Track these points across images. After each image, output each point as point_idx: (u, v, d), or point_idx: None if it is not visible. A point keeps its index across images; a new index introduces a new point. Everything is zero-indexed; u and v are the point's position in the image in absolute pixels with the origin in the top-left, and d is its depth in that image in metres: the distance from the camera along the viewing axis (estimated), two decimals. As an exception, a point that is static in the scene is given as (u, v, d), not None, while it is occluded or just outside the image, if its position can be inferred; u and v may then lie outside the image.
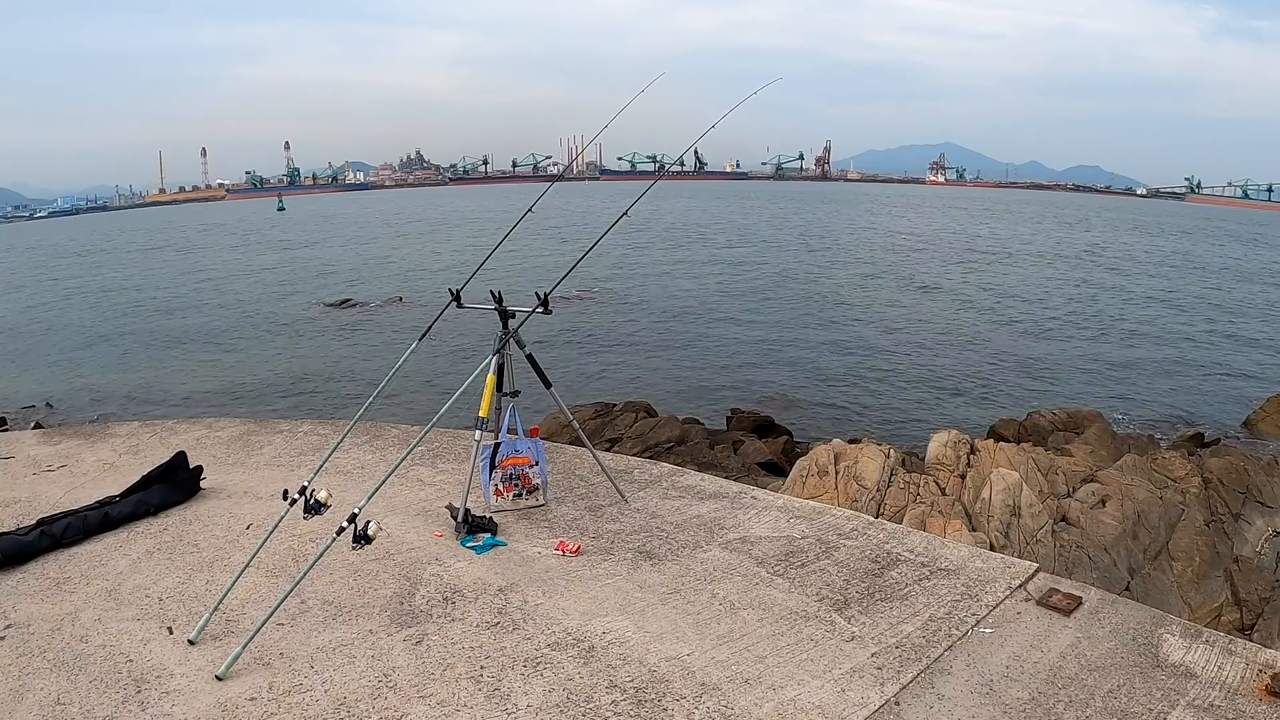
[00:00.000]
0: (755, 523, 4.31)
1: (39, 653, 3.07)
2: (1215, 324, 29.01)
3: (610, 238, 4.69)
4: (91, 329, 28.55)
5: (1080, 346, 24.75)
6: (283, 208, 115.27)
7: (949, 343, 24.75)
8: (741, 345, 24.26)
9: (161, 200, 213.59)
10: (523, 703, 2.75)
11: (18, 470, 5.23)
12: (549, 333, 23.46)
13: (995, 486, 9.34)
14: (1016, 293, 34.21)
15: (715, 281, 36.13)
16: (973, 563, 3.82)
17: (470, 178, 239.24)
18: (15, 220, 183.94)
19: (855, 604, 3.43)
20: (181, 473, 4.63)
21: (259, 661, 2.99)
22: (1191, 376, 21.80)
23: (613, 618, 3.32)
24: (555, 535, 4.12)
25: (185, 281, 40.19)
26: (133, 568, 3.78)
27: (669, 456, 11.98)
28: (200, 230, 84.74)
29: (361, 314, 28.65)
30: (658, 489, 4.80)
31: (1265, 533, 10.10)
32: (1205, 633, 3.25)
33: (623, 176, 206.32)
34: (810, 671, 2.94)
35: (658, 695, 2.79)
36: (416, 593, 3.53)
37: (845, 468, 9.86)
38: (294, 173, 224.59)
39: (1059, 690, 2.83)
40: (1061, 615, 3.32)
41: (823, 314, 29.19)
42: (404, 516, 4.35)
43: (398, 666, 2.97)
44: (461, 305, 4.38)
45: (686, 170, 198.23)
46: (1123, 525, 9.17)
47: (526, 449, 4.45)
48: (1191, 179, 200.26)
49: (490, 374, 4.21)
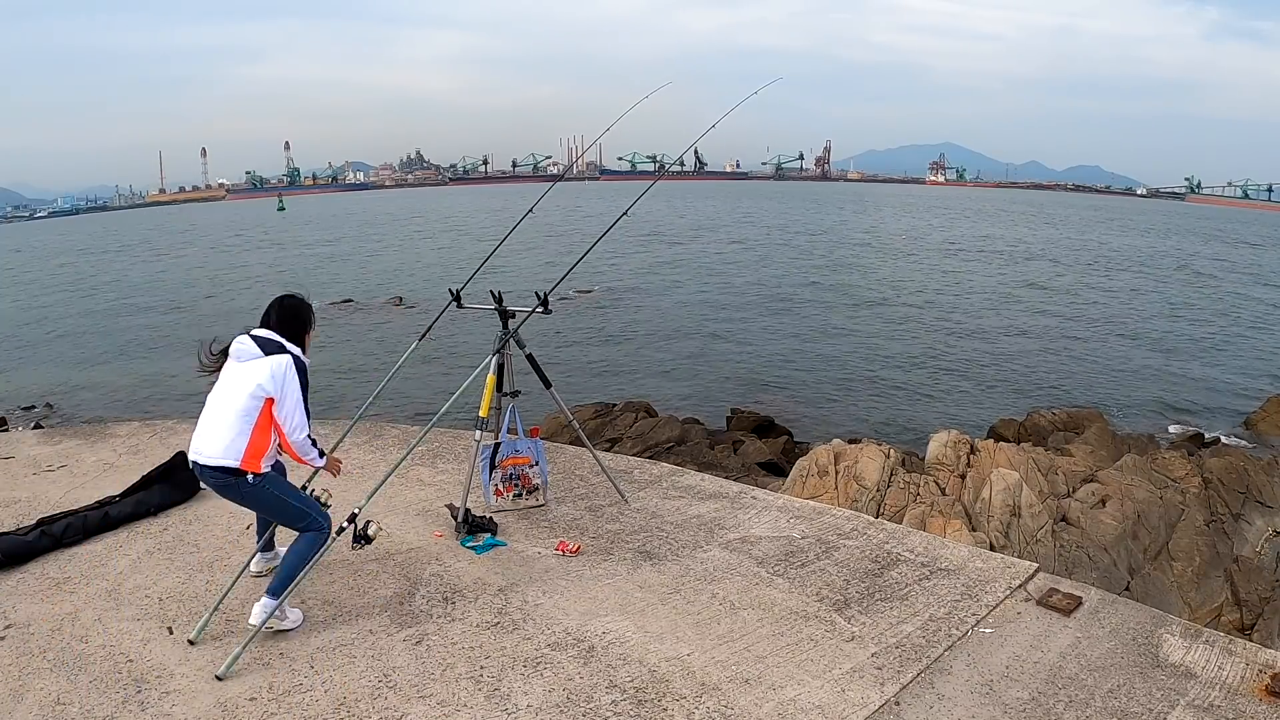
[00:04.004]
0: (755, 523, 4.31)
1: (39, 653, 3.08)
2: (1215, 324, 29.02)
3: (610, 238, 4.69)
4: (91, 329, 28.56)
5: (1080, 347, 24.76)
6: (283, 208, 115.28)
7: (949, 343, 24.76)
8: (742, 345, 24.27)
9: (161, 200, 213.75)
10: (523, 703, 2.75)
11: (18, 470, 5.23)
12: (549, 333, 23.46)
13: (995, 486, 9.34)
14: (1016, 293, 34.22)
15: (715, 282, 36.13)
16: (973, 563, 3.82)
17: (470, 178, 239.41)
18: (15, 220, 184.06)
19: (855, 604, 3.43)
20: (181, 473, 4.63)
21: (259, 661, 2.99)
22: (1191, 377, 21.81)
23: (613, 618, 3.32)
24: (555, 535, 4.13)
25: (185, 281, 40.21)
26: (133, 568, 3.78)
27: (669, 456, 11.98)
28: (200, 230, 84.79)
29: (361, 314, 28.66)
30: (658, 489, 4.80)
31: (1265, 533, 10.11)
32: (1205, 633, 3.25)
33: (623, 176, 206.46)
34: (810, 671, 2.94)
35: (658, 695, 2.79)
36: (416, 593, 3.53)
37: (845, 468, 9.86)
38: (294, 173, 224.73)
39: (1059, 690, 2.83)
40: (1061, 615, 3.32)
41: (822, 314, 29.20)
42: (404, 516, 4.35)
43: (398, 666, 2.97)
44: (461, 305, 4.38)
45: (687, 170, 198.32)
46: (1123, 525, 9.17)
47: (526, 449, 4.45)
48: (1192, 179, 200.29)
49: (490, 374, 4.21)
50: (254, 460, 3.06)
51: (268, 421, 3.11)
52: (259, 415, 3.08)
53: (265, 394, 3.09)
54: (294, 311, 3.31)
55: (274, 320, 3.27)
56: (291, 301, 3.34)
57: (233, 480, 3.07)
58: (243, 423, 3.06)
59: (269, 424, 3.11)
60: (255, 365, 3.12)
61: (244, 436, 3.05)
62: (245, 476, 3.06)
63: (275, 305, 3.32)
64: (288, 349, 3.20)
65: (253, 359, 3.13)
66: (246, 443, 3.05)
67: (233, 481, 3.08)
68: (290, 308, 3.32)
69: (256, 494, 3.12)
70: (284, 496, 3.19)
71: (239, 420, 3.06)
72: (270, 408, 3.11)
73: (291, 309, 3.32)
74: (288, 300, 3.34)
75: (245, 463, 3.05)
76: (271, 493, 3.15)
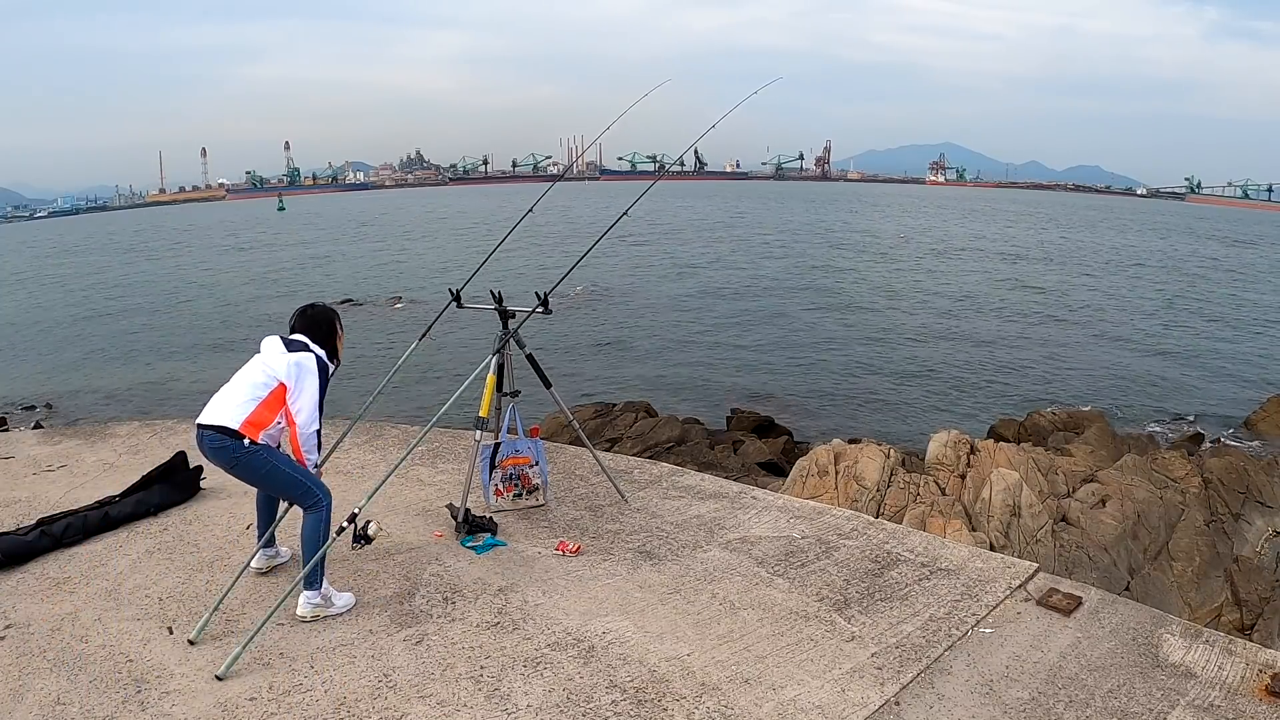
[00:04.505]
0: (755, 523, 4.31)
1: (39, 653, 3.07)
2: (1215, 324, 29.02)
3: (611, 238, 4.69)
4: (91, 329, 28.56)
5: (1080, 347, 24.76)
6: (283, 207, 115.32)
7: (949, 343, 24.76)
8: (742, 345, 24.27)
9: (161, 200, 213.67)
10: (523, 703, 2.75)
11: (18, 470, 5.23)
12: (549, 333, 23.45)
13: (995, 486, 9.34)
14: (1016, 293, 34.22)
15: (715, 282, 36.13)
16: (973, 563, 3.82)
17: (470, 178, 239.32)
18: (15, 220, 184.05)
19: (855, 604, 3.43)
20: (181, 473, 4.63)
21: (259, 661, 2.99)
22: (1191, 377, 21.81)
23: (613, 618, 3.32)
24: (555, 535, 4.13)
25: (185, 281, 40.21)
26: (133, 568, 3.78)
27: (669, 456, 11.98)
28: (200, 230, 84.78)
29: (362, 314, 28.65)
30: (658, 489, 4.80)
31: (1265, 533, 10.11)
32: (1205, 633, 3.25)
33: (623, 177, 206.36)
34: (810, 671, 2.94)
35: (658, 695, 2.79)
36: (416, 593, 3.53)
37: (845, 468, 9.86)
38: (294, 173, 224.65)
39: (1059, 690, 2.83)
40: (1061, 615, 3.32)
41: (822, 314, 29.20)
42: (404, 516, 4.35)
43: (398, 666, 2.97)
44: (461, 305, 4.38)
45: (687, 170, 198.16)
46: (1123, 525, 9.17)
47: (526, 449, 4.45)
48: (1192, 179, 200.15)
49: (490, 374, 4.21)
50: (252, 429, 3.15)
51: (276, 402, 3.20)
52: (268, 394, 3.19)
53: (277, 378, 3.19)
54: (314, 321, 3.40)
55: (299, 328, 3.38)
56: (313, 311, 3.44)
57: (228, 442, 3.13)
58: (250, 396, 3.17)
59: (277, 405, 3.21)
60: (276, 356, 3.24)
61: (248, 406, 3.16)
62: (241, 440, 3.12)
63: (298, 314, 3.42)
64: (312, 349, 3.30)
65: (277, 353, 3.25)
66: (249, 411, 3.15)
67: (228, 443, 3.13)
68: (311, 317, 3.42)
69: (251, 461, 3.17)
70: (278, 465, 3.23)
71: (247, 392, 3.18)
72: (282, 393, 3.20)
73: (312, 318, 3.42)
74: (309, 310, 3.44)
75: (243, 427, 3.13)
76: (266, 459, 3.19)
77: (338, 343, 3.45)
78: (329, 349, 3.40)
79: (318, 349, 3.33)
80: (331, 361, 3.40)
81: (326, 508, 3.26)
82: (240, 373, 3.28)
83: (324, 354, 3.35)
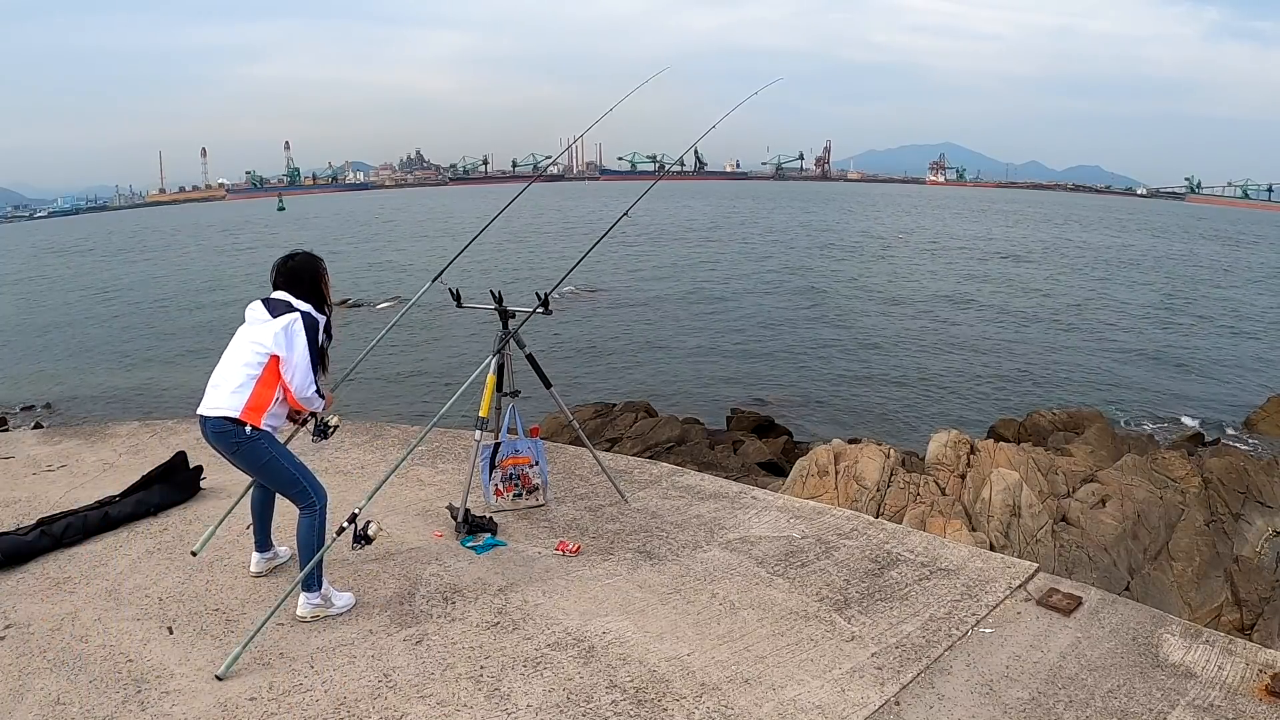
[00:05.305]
0: (755, 523, 4.31)
1: (39, 653, 3.07)
2: (1215, 324, 29.02)
3: (611, 238, 4.69)
4: (91, 329, 28.57)
5: (1080, 346, 24.76)
6: (283, 207, 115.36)
7: (949, 343, 24.76)
8: (741, 345, 24.26)
9: (161, 200, 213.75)
10: (523, 703, 2.75)
11: (18, 470, 5.23)
12: (549, 333, 23.45)
13: (995, 486, 9.34)
14: (1016, 294, 34.23)
15: (715, 282, 36.13)
16: (973, 563, 3.82)
17: (470, 178, 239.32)
18: (15, 220, 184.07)
19: (855, 604, 3.43)
20: (181, 473, 4.63)
21: (259, 661, 2.99)
22: (1191, 377, 21.82)
23: (613, 618, 3.32)
24: (555, 535, 4.13)
25: (185, 281, 40.22)
26: (133, 568, 3.78)
27: (669, 456, 11.98)
28: (201, 230, 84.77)
29: (362, 314, 28.64)
30: (658, 489, 4.80)
31: (1265, 533, 10.11)
32: (1205, 633, 3.25)
33: (623, 177, 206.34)
34: (810, 671, 2.94)
35: (658, 695, 2.79)
36: (416, 593, 3.53)
37: (845, 468, 9.86)
38: (294, 172, 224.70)
39: (1059, 690, 2.83)
40: (1061, 615, 3.32)
41: (822, 314, 29.20)
42: (404, 516, 4.35)
43: (398, 666, 2.97)
44: (461, 305, 4.38)
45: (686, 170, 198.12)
46: (1123, 525, 9.17)
47: (526, 449, 4.45)
48: (1192, 179, 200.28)
49: (490, 374, 4.21)
50: (254, 413, 3.14)
51: (272, 377, 3.18)
52: (263, 370, 3.17)
53: (268, 351, 3.17)
54: (295, 274, 3.33)
55: (280, 283, 3.31)
56: (294, 262, 3.35)
57: (231, 428, 3.13)
58: (245, 377, 3.15)
59: (273, 380, 3.19)
60: (262, 327, 3.19)
61: (246, 390, 3.14)
62: (244, 427, 3.12)
63: (278, 267, 3.35)
64: (296, 307, 3.24)
65: (261, 322, 3.21)
66: (248, 395, 3.14)
67: (231, 429, 3.13)
68: (293, 269, 3.34)
69: (254, 449, 3.16)
70: (279, 458, 3.23)
71: (242, 374, 3.15)
72: (276, 365, 3.18)
73: (293, 270, 3.34)
74: (290, 262, 3.35)
75: (245, 414, 3.12)
76: (268, 449, 3.19)
77: (325, 289, 3.38)
78: (316, 299, 3.32)
79: (303, 305, 3.25)
80: (321, 312, 3.33)
81: (320, 509, 3.26)
82: (230, 350, 3.22)
83: (311, 308, 3.27)
